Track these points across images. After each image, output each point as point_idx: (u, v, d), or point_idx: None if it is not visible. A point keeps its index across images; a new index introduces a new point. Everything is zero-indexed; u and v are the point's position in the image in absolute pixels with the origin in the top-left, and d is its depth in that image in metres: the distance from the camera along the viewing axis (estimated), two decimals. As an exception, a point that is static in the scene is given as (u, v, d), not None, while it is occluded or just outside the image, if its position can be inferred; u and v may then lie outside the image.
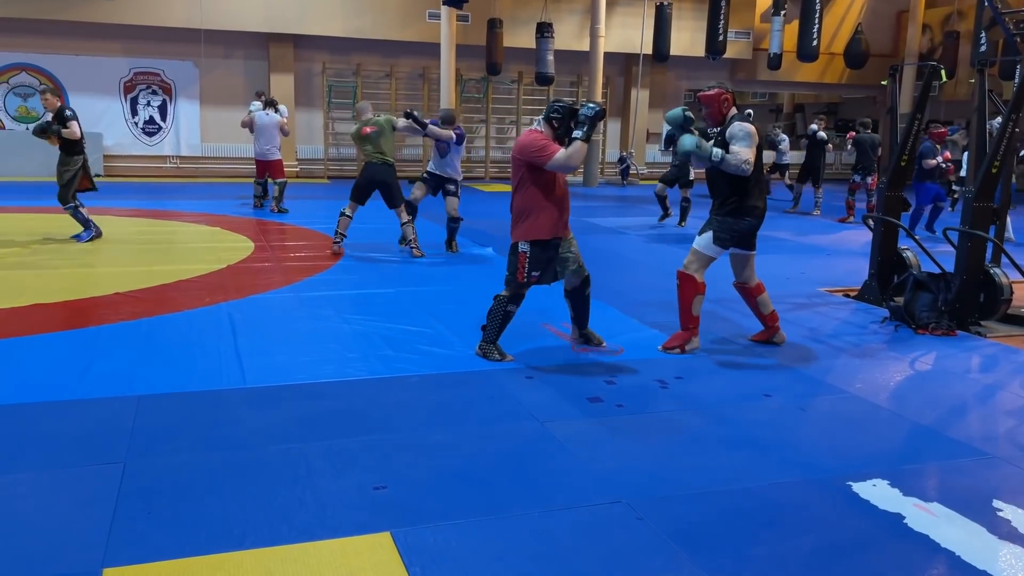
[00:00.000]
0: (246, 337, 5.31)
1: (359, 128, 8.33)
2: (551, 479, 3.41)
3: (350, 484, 3.29)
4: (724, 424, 4.11)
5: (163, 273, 7.16)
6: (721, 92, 5.21)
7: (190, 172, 16.66)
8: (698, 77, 20.23)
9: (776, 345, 5.51)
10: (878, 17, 20.49)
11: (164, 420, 3.89)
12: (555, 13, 17.33)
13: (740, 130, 5.03)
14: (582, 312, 5.33)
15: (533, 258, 4.92)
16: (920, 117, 6.69)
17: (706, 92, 5.26)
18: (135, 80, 16.16)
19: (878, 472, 3.54)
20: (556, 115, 4.81)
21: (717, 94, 5.20)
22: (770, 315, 5.53)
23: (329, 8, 16.24)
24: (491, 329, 5.04)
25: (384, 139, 8.15)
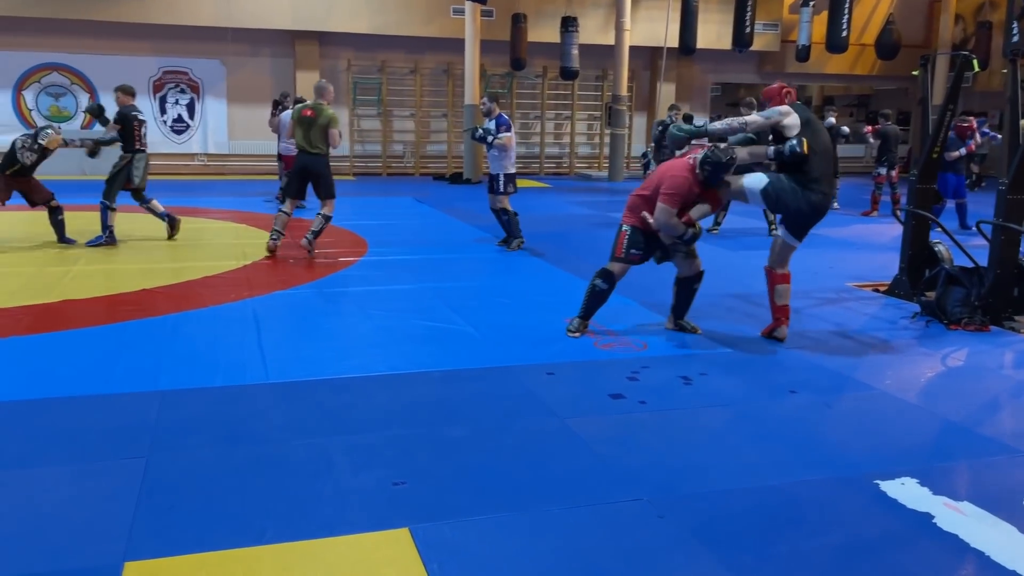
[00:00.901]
0: (269, 333, 5.34)
1: (300, 108, 7.94)
2: (572, 476, 3.38)
3: (370, 479, 3.28)
4: (748, 421, 4.05)
5: (190, 270, 7.23)
6: (782, 86, 5.40)
7: (217, 169, 16.81)
8: (725, 70, 20.05)
9: (778, 340, 5.39)
10: (910, 7, 20.13)
11: (187, 415, 3.92)
12: (580, 7, 17.23)
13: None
14: (684, 303, 5.56)
15: (632, 238, 5.29)
16: (952, 108, 6.54)
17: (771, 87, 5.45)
18: (164, 79, 16.34)
19: (907, 470, 3.46)
20: (707, 167, 5.09)
21: (779, 87, 5.39)
22: (782, 307, 5.43)
23: (354, 5, 16.29)
24: (584, 303, 5.42)
25: (314, 129, 7.71)
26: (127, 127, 8.29)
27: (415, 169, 18.07)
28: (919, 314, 6.11)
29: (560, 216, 11.79)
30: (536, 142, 18.96)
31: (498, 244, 8.82)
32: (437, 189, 15.24)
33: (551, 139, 19.20)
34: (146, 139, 8.47)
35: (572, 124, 19.07)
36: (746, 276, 7.58)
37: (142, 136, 8.41)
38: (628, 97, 17.51)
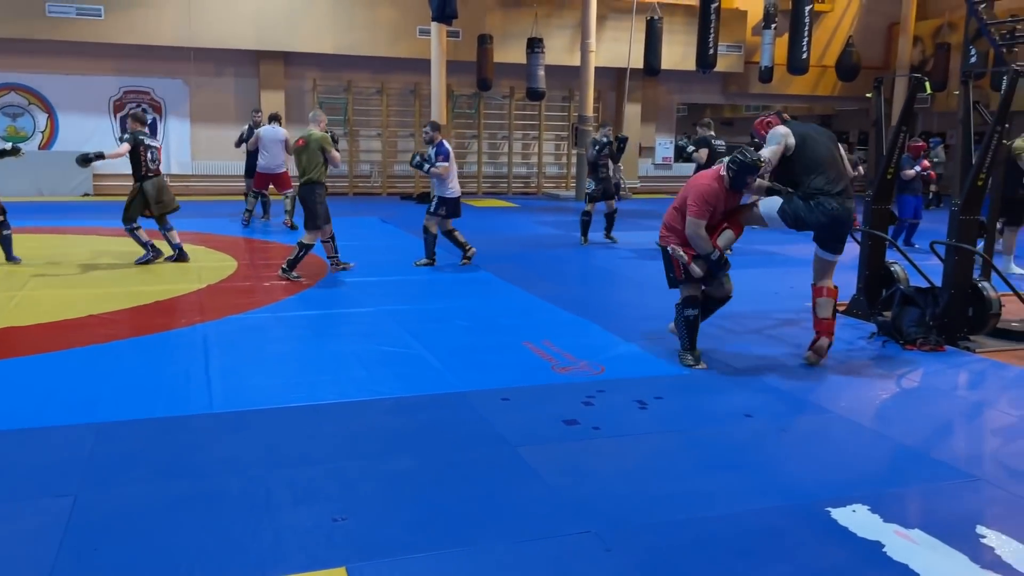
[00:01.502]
0: (218, 360, 5.20)
1: (297, 139, 8.15)
2: (520, 508, 3.29)
3: (309, 515, 3.17)
4: (702, 447, 3.99)
5: (142, 294, 7.06)
6: (763, 118, 5.50)
7: (180, 190, 16.43)
8: (690, 91, 20.23)
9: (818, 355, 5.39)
10: (869, 30, 20.49)
11: (123, 449, 3.78)
12: (545, 28, 17.30)
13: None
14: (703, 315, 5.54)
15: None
16: (905, 129, 6.60)
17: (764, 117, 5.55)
18: (125, 99, 16.11)
19: (859, 497, 3.41)
20: (732, 167, 5.10)
21: (762, 120, 5.49)
22: (821, 321, 5.41)
23: (319, 25, 16.22)
24: (682, 338, 5.35)
25: (306, 155, 7.83)
26: (134, 151, 8.32)
27: (382, 189, 17.97)
28: (876, 334, 6.11)
29: (526, 236, 11.75)
30: (504, 162, 18.96)
31: (461, 263, 8.80)
32: (404, 209, 15.14)
33: (519, 159, 19.20)
34: (157, 164, 8.51)
35: (539, 144, 19.10)
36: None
37: (148, 161, 8.37)
38: (594, 117, 17.56)
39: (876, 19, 20.66)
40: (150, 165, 8.40)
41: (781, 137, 5.22)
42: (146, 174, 8.39)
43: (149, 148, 8.41)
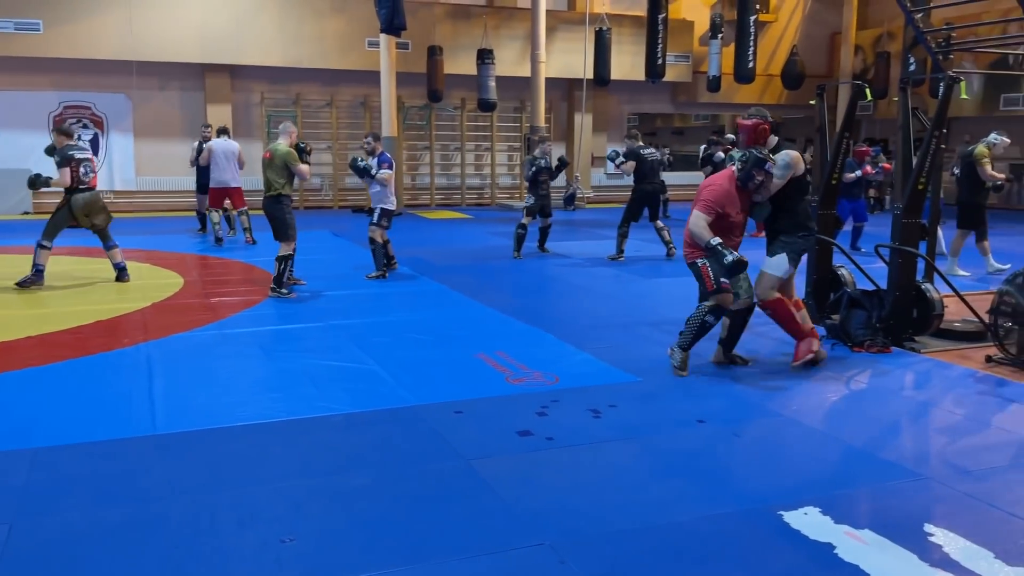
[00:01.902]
0: (162, 380, 5.05)
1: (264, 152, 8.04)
2: (473, 522, 3.24)
3: (255, 537, 3.08)
4: (656, 454, 3.99)
5: (83, 314, 6.85)
6: (758, 123, 5.42)
7: (124, 207, 16.17)
8: (640, 101, 20.44)
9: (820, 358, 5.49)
10: (812, 39, 20.96)
11: (60, 474, 3.64)
12: (495, 40, 17.35)
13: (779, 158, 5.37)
14: (734, 336, 5.49)
15: (713, 269, 5.16)
16: (848, 135, 6.73)
17: (744, 121, 5.48)
18: (65, 114, 15.70)
19: (810, 499, 3.43)
20: (742, 162, 5.18)
21: (755, 124, 5.41)
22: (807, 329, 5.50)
23: (266, 38, 16.03)
24: (687, 335, 5.24)
25: (272, 170, 7.70)
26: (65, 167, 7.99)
27: (334, 202, 17.80)
28: (825, 337, 6.20)
29: (480, 247, 11.72)
30: (457, 173, 18.92)
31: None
32: (356, 222, 14.98)
33: (472, 170, 19.18)
34: (91, 177, 8.14)
35: (492, 155, 19.11)
36: (659, 304, 7.61)
37: (80, 175, 8.03)
38: (546, 128, 17.63)
39: (819, 29, 21.16)
40: (83, 179, 8.06)
41: (793, 165, 5.27)
42: (76, 187, 8.05)
43: (81, 162, 8.08)
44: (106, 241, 8.34)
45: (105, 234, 8.31)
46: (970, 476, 3.71)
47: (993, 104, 17.51)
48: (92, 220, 8.19)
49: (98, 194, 8.33)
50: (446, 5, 17.77)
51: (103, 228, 8.30)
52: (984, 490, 3.55)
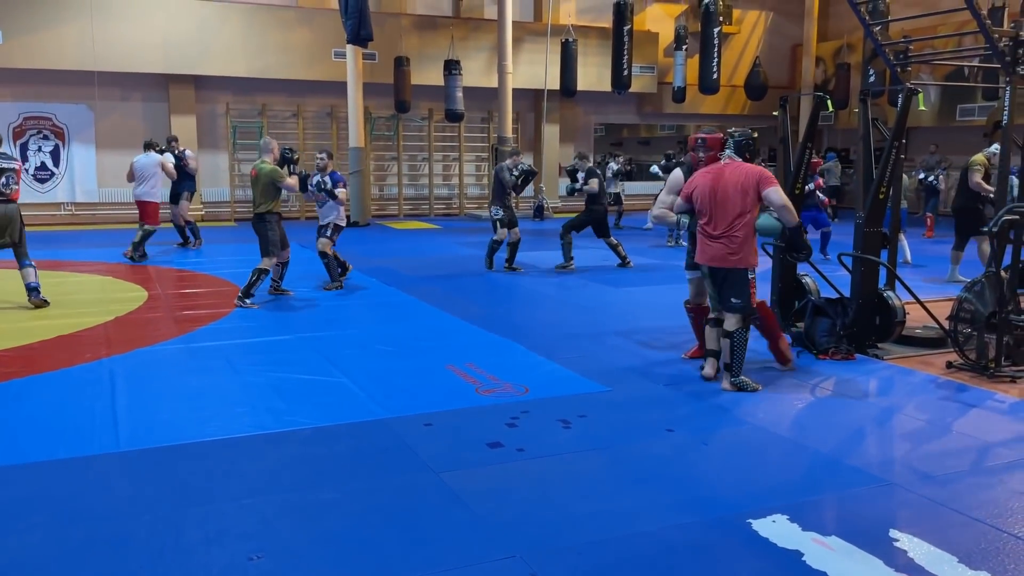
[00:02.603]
0: (126, 395, 4.97)
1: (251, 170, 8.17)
2: (444, 536, 3.23)
3: (222, 555, 3.03)
4: (625, 464, 4.00)
5: (42, 328, 6.72)
6: (715, 135, 5.58)
7: (86, 219, 15.93)
8: (606, 111, 20.59)
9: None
10: (774, 51, 21.29)
11: (20, 493, 3.56)
12: (462, 51, 17.37)
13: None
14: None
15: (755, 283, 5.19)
16: (810, 146, 6.83)
17: (709, 135, 5.59)
18: (25, 125, 15.42)
19: (778, 507, 3.47)
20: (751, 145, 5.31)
21: (715, 137, 5.53)
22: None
23: (231, 48, 15.89)
24: (737, 363, 5.16)
25: (259, 188, 7.87)
26: None
27: (300, 213, 17.65)
28: (791, 344, 6.27)
29: (448, 258, 11.69)
30: (425, 183, 18.89)
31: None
32: (322, 234, 14.89)
33: (440, 180, 19.16)
34: (12, 189, 7.47)
35: (460, 165, 19.11)
36: (628, 313, 7.66)
37: (0, 187, 7.44)
38: (513, 138, 17.68)
39: (781, 41, 21.50)
40: (3, 190, 7.44)
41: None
42: None
43: (3, 172, 7.45)
44: (20, 259, 7.61)
45: (19, 251, 7.59)
46: (933, 481, 3.78)
47: (950, 115, 17.92)
48: (6, 235, 7.50)
49: (16, 208, 7.54)
50: (412, 16, 17.78)
51: (16, 244, 7.57)
52: (947, 495, 3.61)
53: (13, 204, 7.51)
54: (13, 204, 7.51)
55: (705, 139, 5.58)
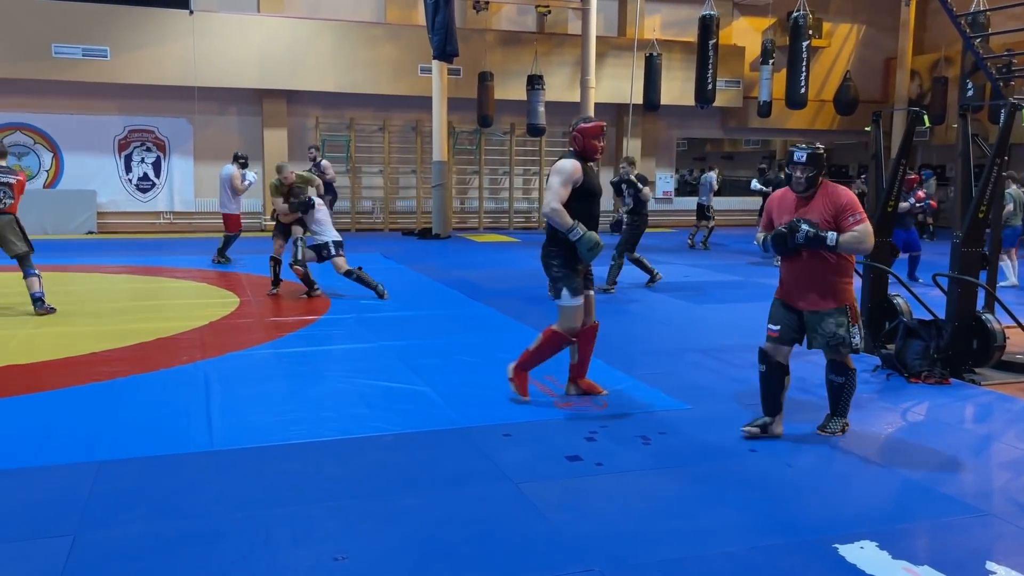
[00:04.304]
0: (219, 397, 5.18)
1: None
2: (521, 546, 3.25)
3: (309, 555, 3.13)
4: (706, 483, 3.95)
5: (144, 331, 7.05)
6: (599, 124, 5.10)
7: (183, 228, 16.67)
8: (689, 126, 20.41)
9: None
10: (867, 64, 20.74)
11: (122, 488, 3.74)
12: (545, 66, 17.50)
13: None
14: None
15: (860, 314, 4.66)
16: (904, 162, 6.63)
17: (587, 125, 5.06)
18: (129, 137, 16.27)
19: (866, 533, 3.37)
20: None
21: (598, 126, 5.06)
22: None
23: (322, 64, 16.42)
24: (847, 405, 4.66)
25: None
26: None
27: (384, 224, 18.06)
28: (880, 367, 6.09)
29: (527, 271, 11.74)
30: (505, 197, 19.07)
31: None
32: (406, 244, 15.20)
33: (520, 194, 19.31)
34: (6, 203, 7.62)
35: (540, 179, 19.21)
36: (708, 330, 7.56)
37: None
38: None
39: (873, 54, 20.93)
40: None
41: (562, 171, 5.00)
42: None
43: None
44: (23, 268, 7.76)
45: (22, 262, 7.75)
46: (1034, 513, 3.60)
47: (1056, 130, 17.07)
48: (4, 247, 7.69)
49: (10, 220, 7.68)
50: (497, 32, 18.02)
51: (19, 256, 7.74)
52: (1049, 528, 3.44)
53: (7, 216, 7.65)
54: (7, 216, 7.65)
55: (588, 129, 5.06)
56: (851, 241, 4.30)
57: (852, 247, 4.34)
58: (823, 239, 4.28)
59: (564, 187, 4.94)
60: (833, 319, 4.41)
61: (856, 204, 4.38)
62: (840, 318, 4.41)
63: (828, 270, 4.41)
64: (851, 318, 4.43)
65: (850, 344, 4.43)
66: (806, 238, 4.31)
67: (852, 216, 4.33)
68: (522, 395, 5.19)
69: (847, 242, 4.30)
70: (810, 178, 4.42)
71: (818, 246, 4.32)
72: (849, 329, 4.42)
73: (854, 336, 4.42)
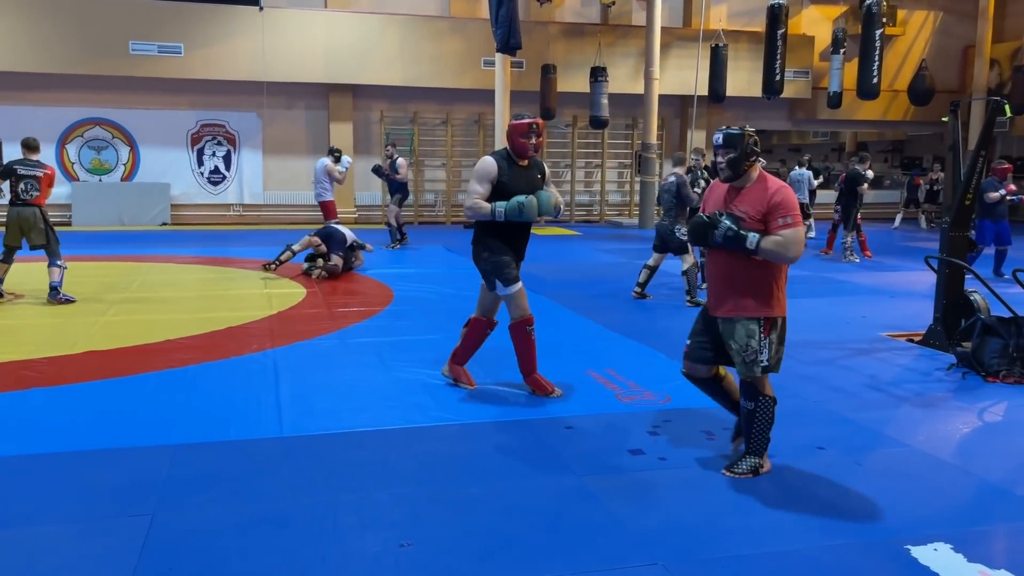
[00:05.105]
0: (288, 385, 5.31)
1: None
2: (585, 538, 3.26)
3: (375, 540, 3.19)
4: (773, 480, 3.89)
5: (215, 320, 7.27)
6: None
7: (252, 220, 17.08)
8: (756, 117, 20.00)
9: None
10: (943, 53, 20.02)
11: (197, 471, 3.87)
12: (609, 57, 17.38)
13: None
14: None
15: (782, 332, 3.91)
16: (984, 154, 6.40)
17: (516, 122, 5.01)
18: (201, 132, 16.74)
19: (940, 535, 3.28)
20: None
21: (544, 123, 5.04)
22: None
23: (387, 58, 16.61)
24: (762, 440, 3.96)
25: None
26: (7, 180, 7.93)
27: (446, 218, 18.19)
28: (955, 366, 5.90)
29: (589, 264, 11.73)
30: (567, 190, 19.01)
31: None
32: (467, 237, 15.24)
33: (581, 187, 19.24)
34: (31, 195, 7.86)
35: (602, 172, 19.11)
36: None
37: (20, 191, 7.85)
38: (658, 145, 17.52)
39: (950, 42, 20.20)
40: (21, 195, 7.88)
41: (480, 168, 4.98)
42: (13, 201, 7.90)
43: (22, 179, 7.87)
44: (49, 258, 8.02)
45: (48, 251, 8.02)
46: (1121, 520, 3.45)
47: None
48: (27, 237, 7.95)
49: (35, 212, 7.93)
50: (561, 24, 17.95)
51: (44, 246, 8.01)
52: None
53: (31, 208, 7.92)
54: (31, 208, 7.92)
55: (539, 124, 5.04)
56: (773, 247, 3.67)
57: (774, 254, 3.69)
58: (743, 239, 3.69)
59: (479, 184, 4.96)
60: (744, 328, 3.81)
61: (791, 204, 3.73)
62: (751, 326, 3.80)
63: (751, 273, 3.79)
64: (764, 330, 3.81)
65: (758, 363, 3.81)
66: (724, 237, 3.74)
67: (783, 218, 3.70)
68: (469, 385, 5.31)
69: (769, 247, 3.68)
70: (731, 161, 3.80)
71: (737, 247, 3.73)
72: (760, 342, 3.80)
73: (763, 351, 3.80)
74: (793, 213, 3.73)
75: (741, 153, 3.81)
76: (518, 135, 4.99)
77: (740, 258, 3.79)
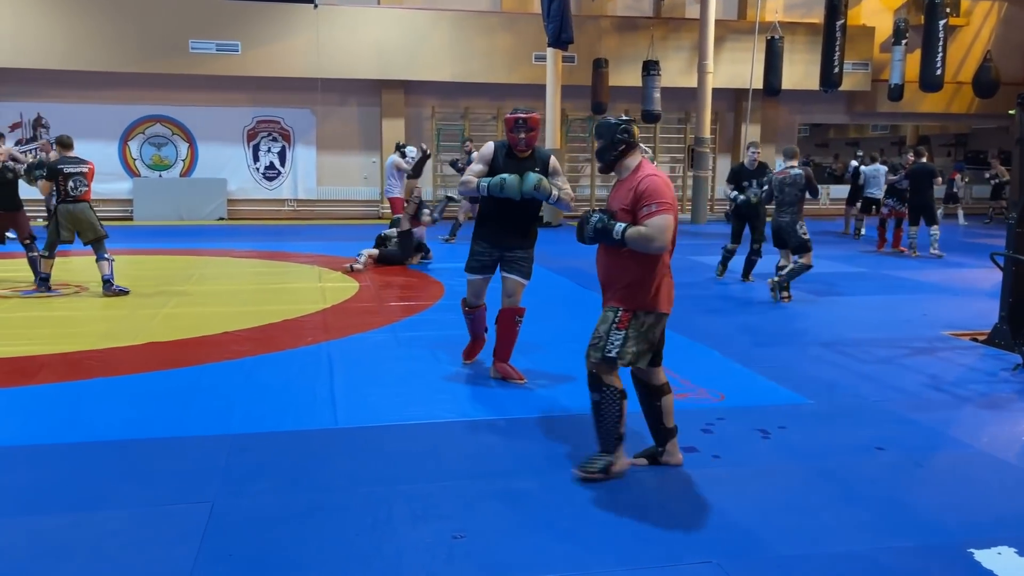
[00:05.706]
0: (342, 377, 5.39)
1: None
2: (639, 534, 3.24)
3: (428, 532, 3.22)
4: (830, 479, 3.82)
5: (271, 313, 7.40)
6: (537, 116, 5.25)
7: (307, 215, 17.35)
8: (812, 111, 19.64)
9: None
10: (1009, 44, 19.35)
11: (255, 460, 3.96)
12: (661, 51, 17.21)
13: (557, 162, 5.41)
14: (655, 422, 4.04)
15: (648, 328, 3.74)
16: (1054, 147, 6.17)
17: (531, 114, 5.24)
18: (257, 128, 17.05)
19: (1005, 538, 3.19)
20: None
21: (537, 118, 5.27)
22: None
23: (438, 54, 16.70)
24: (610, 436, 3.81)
25: None
26: (54, 180, 8.03)
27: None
28: (1021, 366, 5.71)
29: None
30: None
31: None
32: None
33: (633, 182, 19.09)
34: (80, 191, 8.03)
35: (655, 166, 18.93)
36: (831, 323, 7.28)
37: (69, 189, 7.99)
38: (711, 139, 17.30)
39: (1017, 33, 19.52)
40: (71, 192, 8.00)
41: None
42: (64, 199, 8.03)
43: (70, 176, 7.99)
44: (97, 252, 8.17)
45: (96, 247, 8.17)
46: None
47: None
48: (80, 233, 8.12)
49: (85, 208, 8.12)
50: (613, 18, 17.83)
51: (93, 242, 8.18)
52: None
53: (82, 203, 8.09)
54: (82, 203, 8.09)
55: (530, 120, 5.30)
56: (636, 237, 3.55)
57: (638, 243, 3.56)
58: (609, 231, 3.60)
59: (476, 164, 5.36)
60: (603, 314, 3.71)
61: (659, 193, 3.59)
62: (608, 313, 3.68)
63: (623, 263, 3.68)
64: (621, 320, 3.64)
65: (602, 349, 3.64)
66: (594, 229, 3.66)
67: (647, 206, 3.57)
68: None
69: (632, 237, 3.56)
70: (598, 151, 3.79)
71: (606, 240, 3.65)
72: (611, 330, 3.64)
73: (611, 340, 3.63)
74: (658, 201, 3.59)
75: (608, 143, 3.79)
76: (507, 129, 5.30)
77: (613, 251, 3.72)
